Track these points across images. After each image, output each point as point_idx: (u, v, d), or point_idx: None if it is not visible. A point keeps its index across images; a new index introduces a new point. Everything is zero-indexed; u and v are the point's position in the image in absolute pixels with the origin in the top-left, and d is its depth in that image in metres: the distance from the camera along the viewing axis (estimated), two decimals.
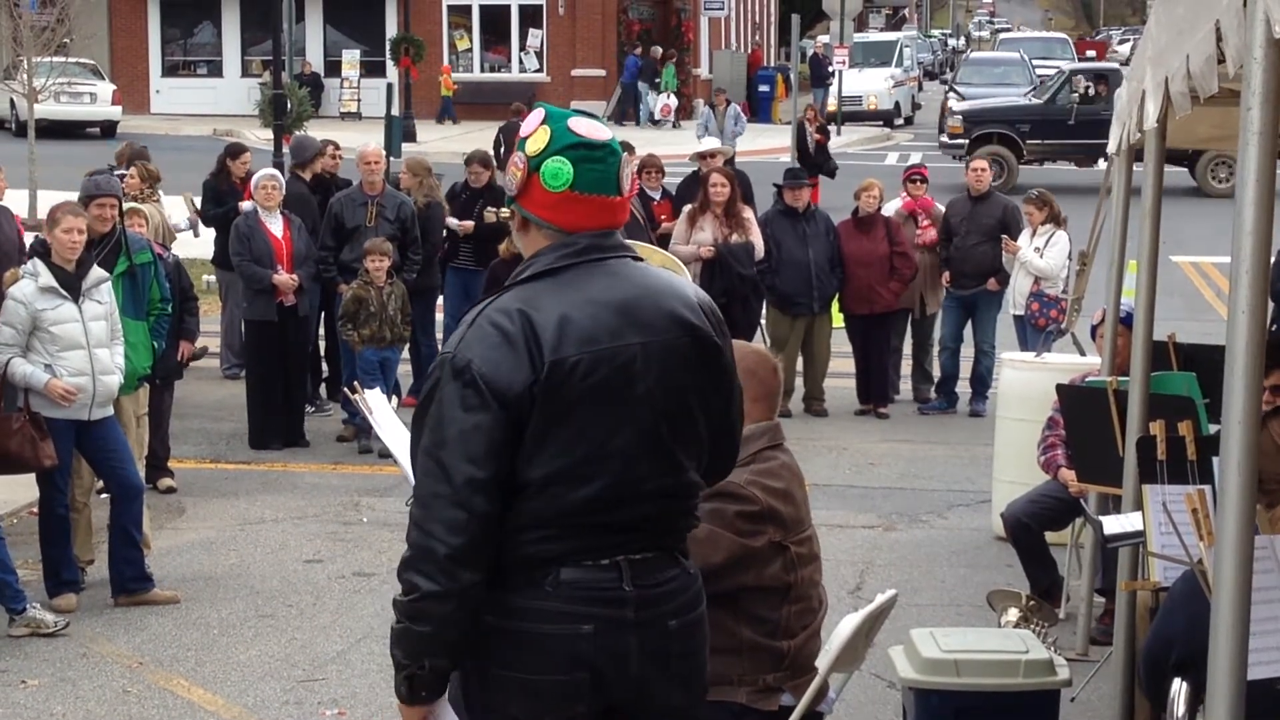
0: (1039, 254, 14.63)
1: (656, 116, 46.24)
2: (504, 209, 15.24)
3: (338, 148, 16.42)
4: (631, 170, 4.41)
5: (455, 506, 4.11)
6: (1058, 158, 33.63)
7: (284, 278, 13.56)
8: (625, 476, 4.22)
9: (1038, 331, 14.39)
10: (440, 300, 16.12)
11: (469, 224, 15.47)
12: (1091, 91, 34.14)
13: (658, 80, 47.62)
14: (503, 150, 31.67)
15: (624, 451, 4.22)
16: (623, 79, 48.20)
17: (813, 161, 26.99)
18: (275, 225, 13.74)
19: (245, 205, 14.60)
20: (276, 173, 14.44)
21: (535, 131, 4.30)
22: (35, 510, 10.23)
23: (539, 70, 48.72)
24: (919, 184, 15.88)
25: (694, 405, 4.34)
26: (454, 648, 4.22)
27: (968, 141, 33.79)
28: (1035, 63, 48.43)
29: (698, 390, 4.34)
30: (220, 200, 15.65)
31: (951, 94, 41.34)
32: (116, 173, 14.45)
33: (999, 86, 40.62)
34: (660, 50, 48.84)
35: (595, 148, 4.28)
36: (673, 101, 46.56)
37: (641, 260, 4.43)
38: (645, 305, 4.28)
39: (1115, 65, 37.86)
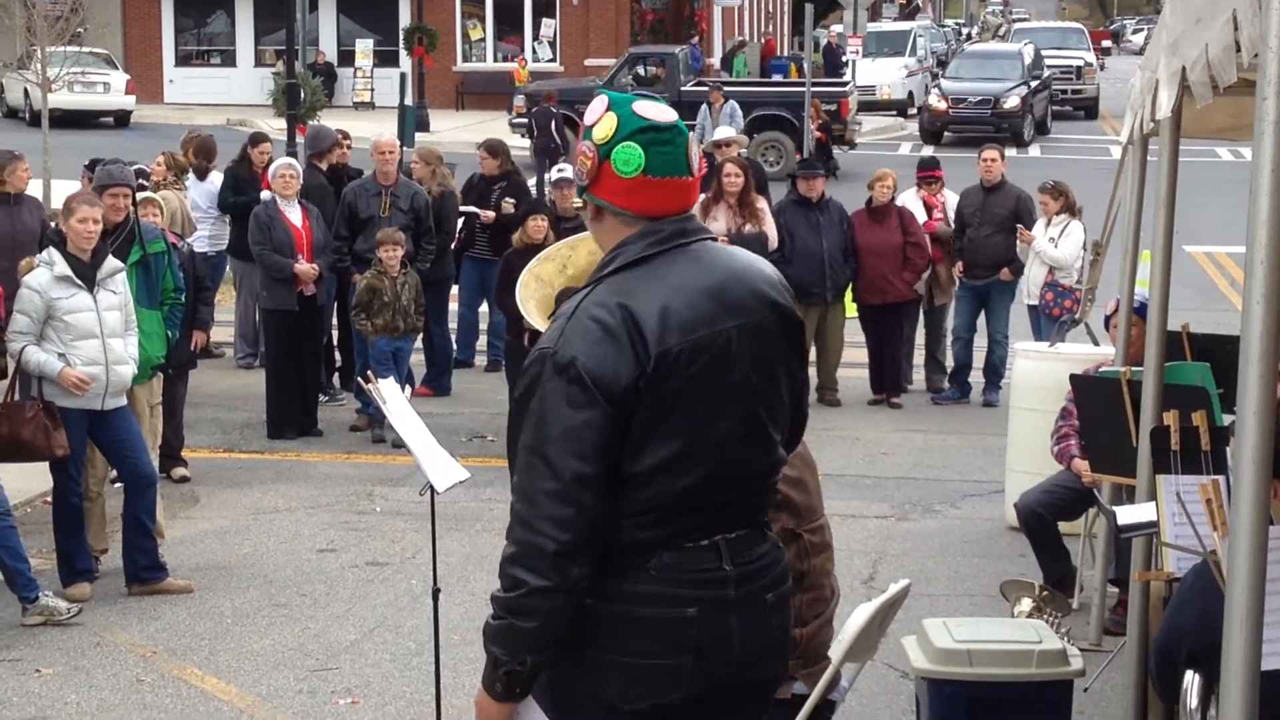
0: (1053, 244, 14.62)
1: None
2: (508, 200, 15.32)
3: (346, 137, 16.43)
4: (699, 151, 4.39)
5: (564, 503, 4.08)
6: None
7: (305, 267, 13.57)
8: (727, 460, 4.23)
9: (1052, 321, 14.38)
10: (455, 290, 16.15)
11: (491, 214, 15.47)
12: (649, 74, 35.25)
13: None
14: (534, 135, 31.85)
15: (725, 436, 4.23)
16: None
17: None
18: (294, 214, 13.75)
19: (264, 194, 14.63)
20: (294, 162, 14.46)
21: (601, 118, 4.28)
22: (49, 499, 10.25)
23: (552, 60, 48.68)
24: (933, 185, 15.88)
25: (782, 382, 4.38)
26: (556, 642, 4.19)
27: (529, 122, 34.40)
28: (1050, 53, 48.28)
29: (785, 367, 4.39)
30: (240, 189, 15.65)
31: (935, 88, 41.71)
32: (137, 166, 14.51)
33: (990, 81, 40.51)
34: (741, 40, 48.83)
35: (664, 130, 4.25)
36: None
37: (718, 240, 4.44)
38: (734, 288, 4.28)
39: (675, 50, 37.87)
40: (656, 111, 4.29)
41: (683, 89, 34.88)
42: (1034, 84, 41.30)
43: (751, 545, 4.32)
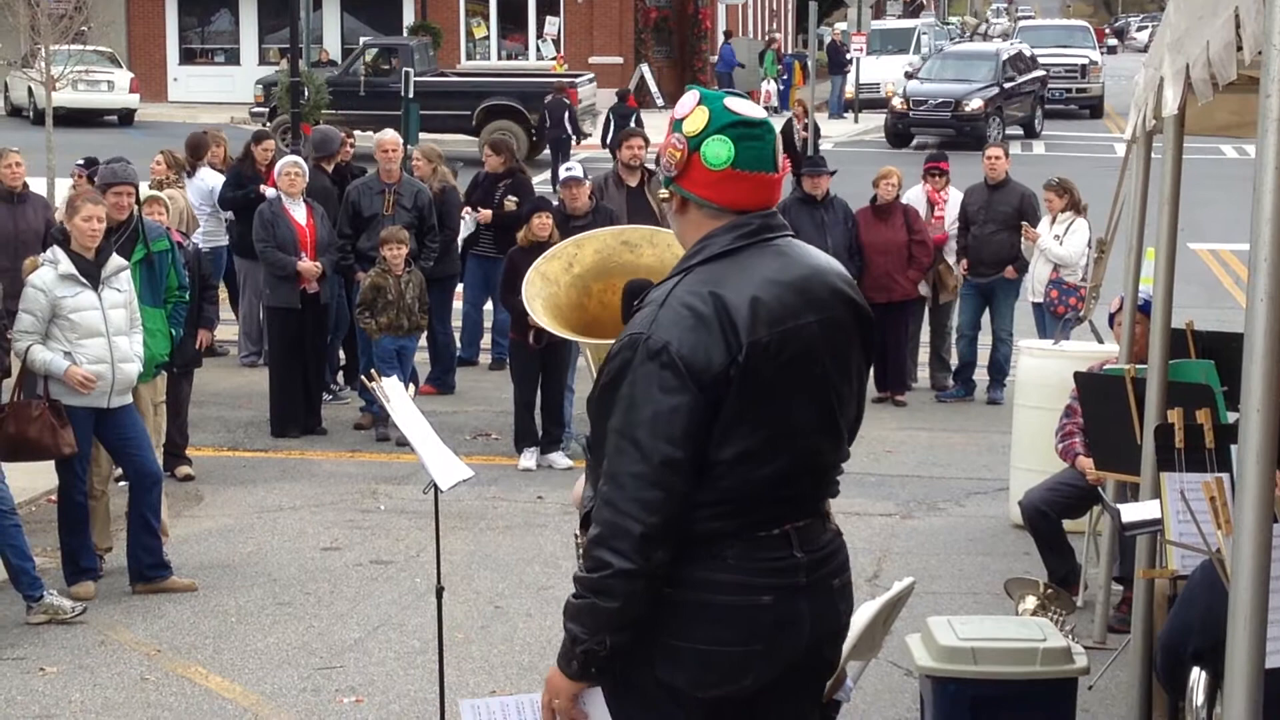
0: (1058, 241, 14.61)
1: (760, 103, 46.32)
2: (510, 198, 15.32)
3: (350, 134, 16.42)
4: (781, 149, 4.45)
5: (653, 486, 4.15)
6: (353, 126, 34.60)
7: (308, 264, 13.57)
8: (804, 452, 4.33)
9: (1056, 319, 14.39)
10: (460, 288, 16.15)
11: (487, 213, 15.47)
12: (383, 65, 36.21)
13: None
14: (548, 125, 32.35)
15: (804, 428, 4.32)
16: (718, 68, 47.94)
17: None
18: (299, 212, 13.75)
19: (269, 192, 14.62)
20: (300, 160, 14.45)
21: (692, 112, 4.37)
22: (54, 498, 10.25)
23: (555, 58, 48.67)
24: (938, 176, 15.88)
25: (855, 377, 4.49)
26: (634, 623, 4.25)
27: (267, 110, 35.53)
28: (1055, 51, 48.04)
29: (857, 361, 4.49)
30: (242, 186, 15.66)
31: (903, 87, 40.95)
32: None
33: (957, 83, 39.88)
34: (771, 38, 48.94)
35: (754, 125, 4.35)
36: (773, 87, 46.84)
37: (797, 237, 4.54)
38: (816, 283, 4.38)
39: (405, 41, 38.65)
40: (746, 107, 4.39)
41: (415, 79, 35.44)
42: (1008, 85, 40.21)
43: (818, 533, 4.42)
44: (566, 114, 32.23)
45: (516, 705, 4.66)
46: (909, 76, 44.68)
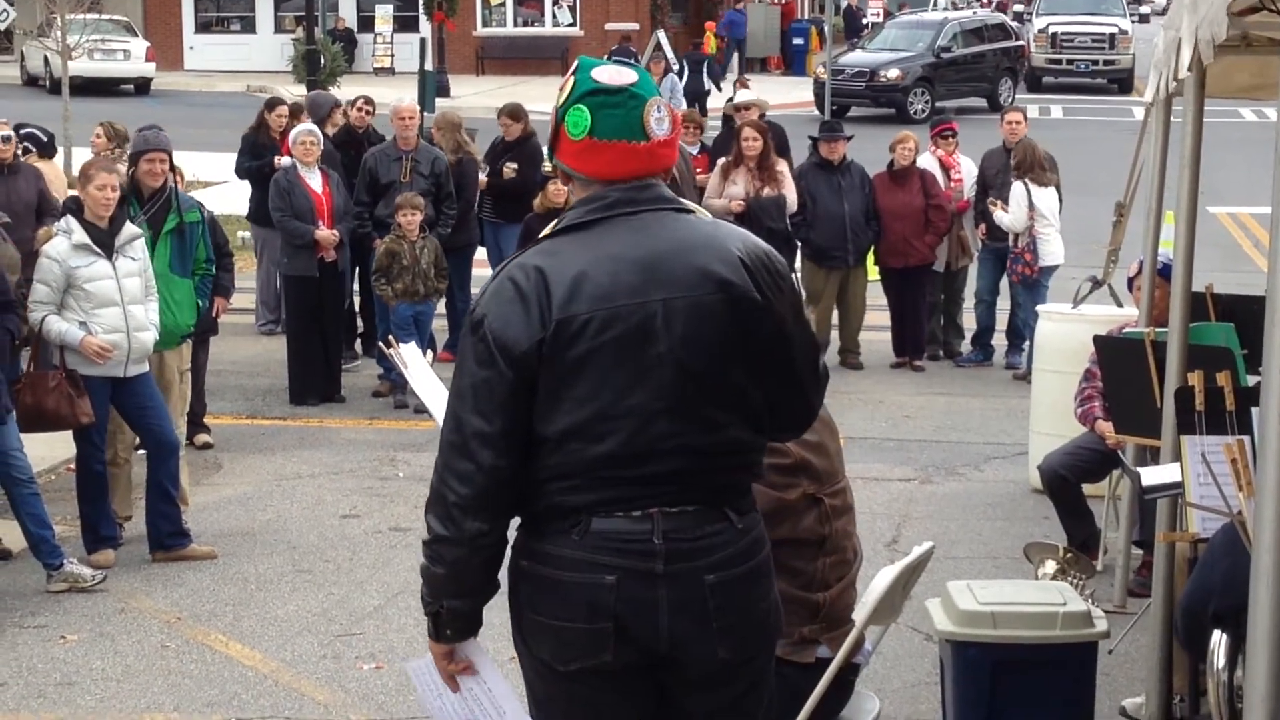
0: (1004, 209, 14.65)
1: None
2: (509, 165, 15.36)
3: (368, 102, 16.39)
4: (669, 115, 4.32)
5: (463, 457, 4.18)
6: None
7: (326, 233, 13.56)
8: (642, 434, 4.18)
9: (1013, 285, 14.67)
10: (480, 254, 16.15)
11: (510, 169, 15.49)
12: None
13: None
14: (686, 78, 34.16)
15: (640, 409, 4.17)
16: (733, 34, 47.66)
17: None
18: (314, 180, 13.74)
19: (284, 160, 14.61)
20: (315, 128, 14.42)
21: (565, 82, 4.31)
22: (72, 466, 10.27)
23: (572, 24, 48.57)
24: (949, 139, 15.82)
25: (730, 362, 4.24)
26: (470, 591, 4.31)
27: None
28: (1082, 19, 46.82)
29: (735, 346, 4.24)
30: (258, 154, 15.66)
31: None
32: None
33: (890, 52, 38.83)
34: None
35: (613, 92, 4.23)
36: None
37: (689, 213, 4.35)
38: (673, 261, 4.21)
39: None
40: (612, 75, 4.27)
41: None
42: (946, 56, 38.28)
43: (698, 523, 4.25)
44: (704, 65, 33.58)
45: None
46: (854, 46, 43.39)
